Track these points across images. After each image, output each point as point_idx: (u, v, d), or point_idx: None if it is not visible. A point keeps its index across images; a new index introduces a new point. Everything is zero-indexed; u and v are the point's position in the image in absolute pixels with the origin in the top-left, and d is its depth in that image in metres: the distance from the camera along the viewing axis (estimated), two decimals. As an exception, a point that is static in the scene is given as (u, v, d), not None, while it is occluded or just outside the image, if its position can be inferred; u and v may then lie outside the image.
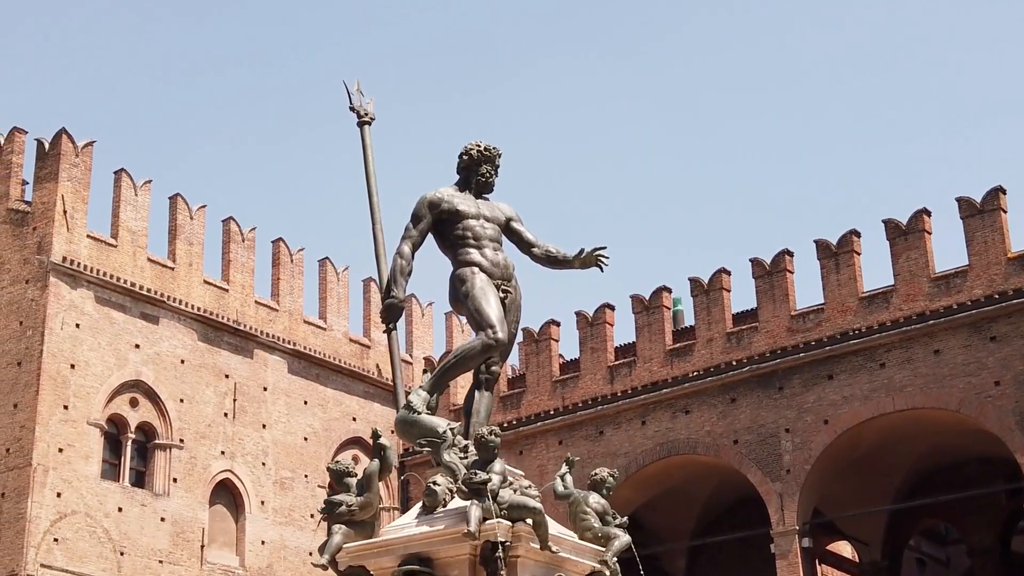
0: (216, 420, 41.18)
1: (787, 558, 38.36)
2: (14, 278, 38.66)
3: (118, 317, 39.41)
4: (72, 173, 39.36)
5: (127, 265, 40.00)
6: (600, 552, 13.32)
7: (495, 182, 14.60)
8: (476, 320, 13.73)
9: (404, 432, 13.61)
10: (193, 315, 41.23)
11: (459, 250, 14.09)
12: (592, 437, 42.51)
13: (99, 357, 38.65)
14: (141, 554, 38.14)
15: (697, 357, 41.42)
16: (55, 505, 36.65)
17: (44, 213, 38.85)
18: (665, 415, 41.38)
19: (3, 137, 40.69)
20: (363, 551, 12.86)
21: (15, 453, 36.79)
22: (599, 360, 43.14)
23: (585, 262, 14.18)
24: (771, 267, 40.49)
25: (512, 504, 12.41)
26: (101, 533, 37.47)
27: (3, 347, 38.04)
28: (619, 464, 41.58)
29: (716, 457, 40.33)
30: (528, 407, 44.07)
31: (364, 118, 15.08)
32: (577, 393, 43.20)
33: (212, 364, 41.51)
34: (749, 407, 39.86)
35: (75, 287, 38.55)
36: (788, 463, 38.82)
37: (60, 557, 36.37)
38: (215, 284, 42.44)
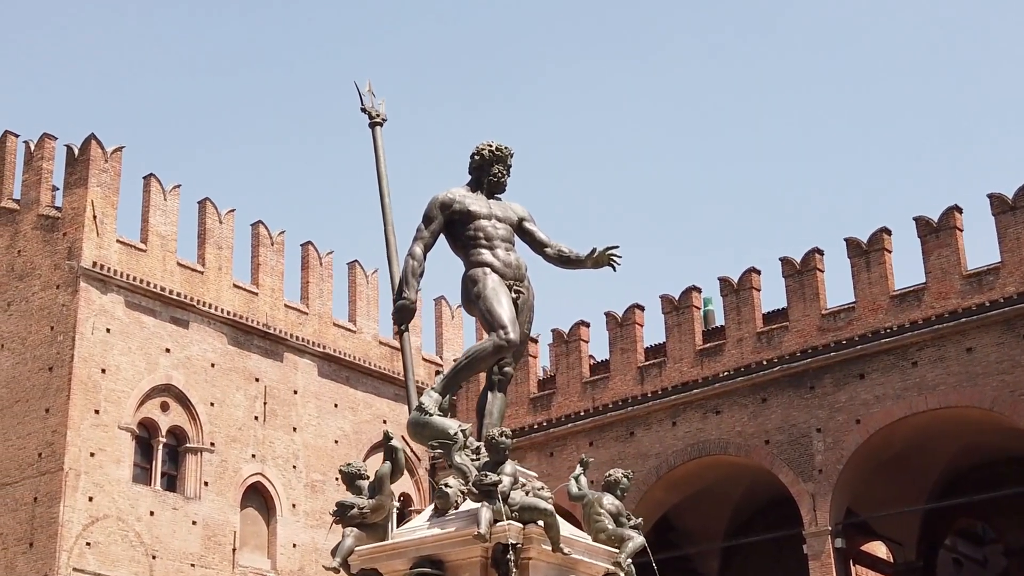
0: (247, 423, 41.30)
1: (820, 559, 38.07)
2: (45, 283, 38.89)
3: (148, 321, 39.59)
4: (102, 179, 39.57)
5: (157, 270, 40.17)
6: (614, 554, 13.18)
7: (507, 182, 14.49)
8: (488, 321, 13.65)
9: (416, 434, 13.53)
10: (223, 319, 41.37)
11: (471, 251, 14.00)
12: (622, 438, 42.34)
13: (130, 361, 38.82)
14: (173, 558, 38.28)
15: (727, 357, 41.18)
16: (87, 509, 36.83)
17: (74, 219, 39.06)
18: (696, 415, 41.16)
19: (33, 143, 40.96)
20: (375, 554, 12.80)
21: (47, 458, 36.99)
22: (629, 361, 42.97)
23: (597, 261, 14.06)
24: (801, 266, 40.21)
25: (523, 506, 12.31)
26: (133, 537, 37.63)
27: (34, 352, 38.26)
28: (650, 465, 41.45)
29: (747, 457, 40.07)
30: (558, 408, 43.95)
31: (376, 119, 15.03)
32: (607, 394, 43.04)
33: (242, 368, 41.64)
34: (780, 407, 39.59)
35: (105, 292, 38.74)
36: (820, 463, 38.52)
37: (92, 561, 36.55)
38: (245, 288, 42.57)
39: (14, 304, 39.30)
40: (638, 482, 41.51)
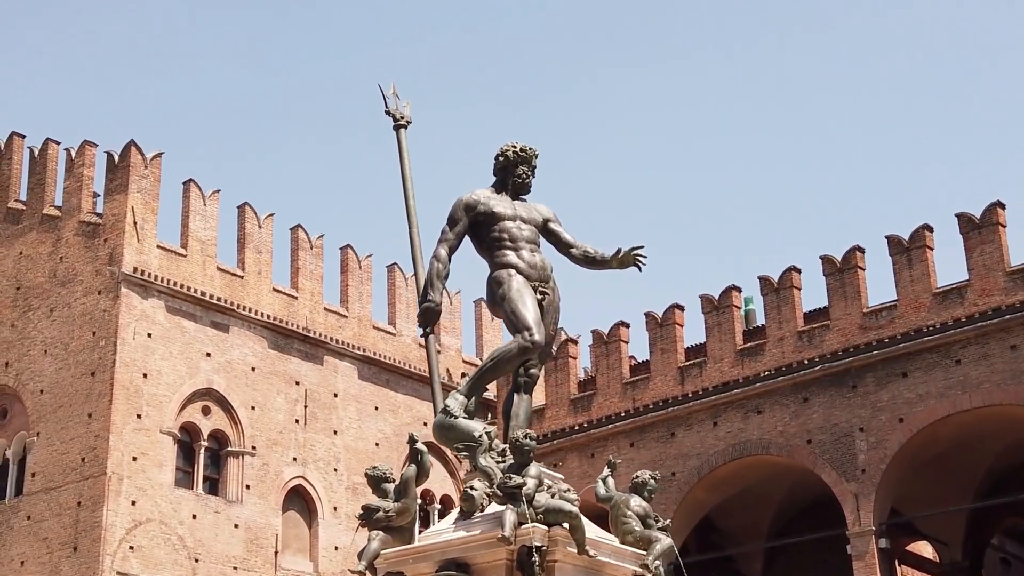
0: (287, 427, 41.45)
1: (864, 559, 37.74)
2: (87, 289, 39.18)
3: (189, 326, 39.80)
4: (141, 185, 39.82)
5: (197, 274, 40.38)
6: (641, 556, 13.09)
7: (532, 183, 14.44)
8: (512, 323, 13.59)
9: (442, 436, 13.49)
10: (263, 323, 41.53)
11: (495, 252, 13.95)
12: (663, 438, 42.15)
13: (171, 366, 39.04)
14: (216, 561, 38.46)
15: (768, 356, 40.91)
16: (130, 513, 37.06)
17: (115, 225, 39.33)
18: (737, 416, 40.92)
19: (74, 151, 41.29)
20: (400, 557, 12.79)
21: (90, 462, 37.25)
22: (669, 361, 42.78)
23: (623, 262, 13.96)
24: (842, 264, 39.90)
25: (548, 508, 12.26)
26: (176, 540, 37.83)
27: (77, 358, 38.55)
28: (691, 465, 41.25)
29: (789, 457, 39.78)
30: (599, 409, 43.82)
31: (400, 121, 15.03)
32: (648, 394, 42.86)
33: (283, 371, 41.79)
34: (822, 406, 39.28)
35: (146, 297, 38.98)
36: (863, 463, 38.18)
37: (136, 565, 36.77)
38: (284, 292, 42.73)
39: (56, 310, 39.62)
40: (679, 483, 41.34)
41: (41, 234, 40.97)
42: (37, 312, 40.06)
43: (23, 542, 37.75)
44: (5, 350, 40.35)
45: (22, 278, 40.87)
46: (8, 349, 40.30)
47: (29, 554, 37.46)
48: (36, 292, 40.34)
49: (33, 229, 41.25)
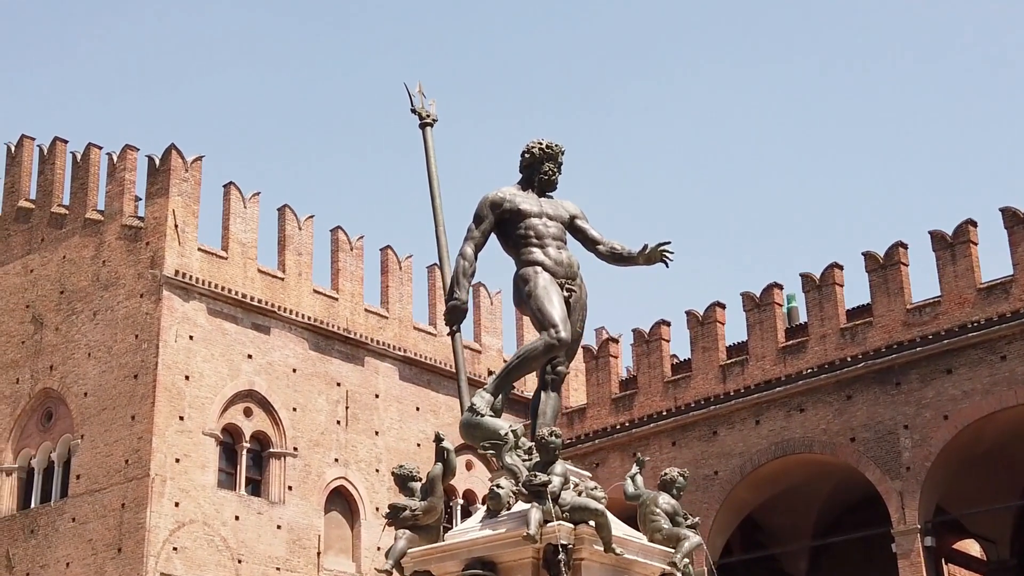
0: (329, 428, 41.55)
1: (909, 557, 37.43)
2: (129, 292, 39.43)
3: (230, 328, 39.97)
4: (182, 188, 40.03)
5: (238, 277, 40.54)
6: (669, 554, 12.98)
7: (558, 179, 14.37)
8: (539, 320, 13.52)
9: (468, 435, 13.45)
10: (304, 324, 41.65)
11: (522, 250, 13.89)
12: (706, 437, 41.97)
13: (212, 368, 39.22)
14: (259, 562, 38.60)
15: (811, 354, 40.65)
16: (173, 515, 37.24)
17: (156, 228, 39.55)
18: (779, 414, 40.69)
19: (116, 155, 41.55)
20: (427, 556, 12.76)
21: (134, 464, 37.48)
22: (711, 359, 42.60)
23: (650, 258, 13.86)
24: (885, 260, 39.61)
25: (574, 506, 12.19)
26: (219, 541, 38.00)
27: (120, 360, 38.80)
28: (733, 464, 41.07)
29: (833, 456, 39.52)
30: (640, 408, 43.71)
31: (426, 120, 15.01)
32: (689, 393, 42.71)
33: (324, 372, 41.90)
34: (866, 404, 39.00)
35: (187, 299, 39.18)
36: (908, 460, 37.87)
37: (179, 566, 36.96)
38: (325, 293, 42.83)
39: (100, 313, 39.90)
40: (722, 482, 41.16)
41: (84, 238, 41.27)
42: (81, 316, 40.37)
43: (68, 544, 38.04)
44: (50, 354, 40.69)
45: (66, 282, 41.19)
46: (53, 353, 40.63)
47: (74, 556, 37.74)
48: (79, 296, 40.65)
49: (76, 233, 41.55)
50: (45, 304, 41.41)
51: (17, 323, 41.93)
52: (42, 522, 39.02)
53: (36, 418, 40.74)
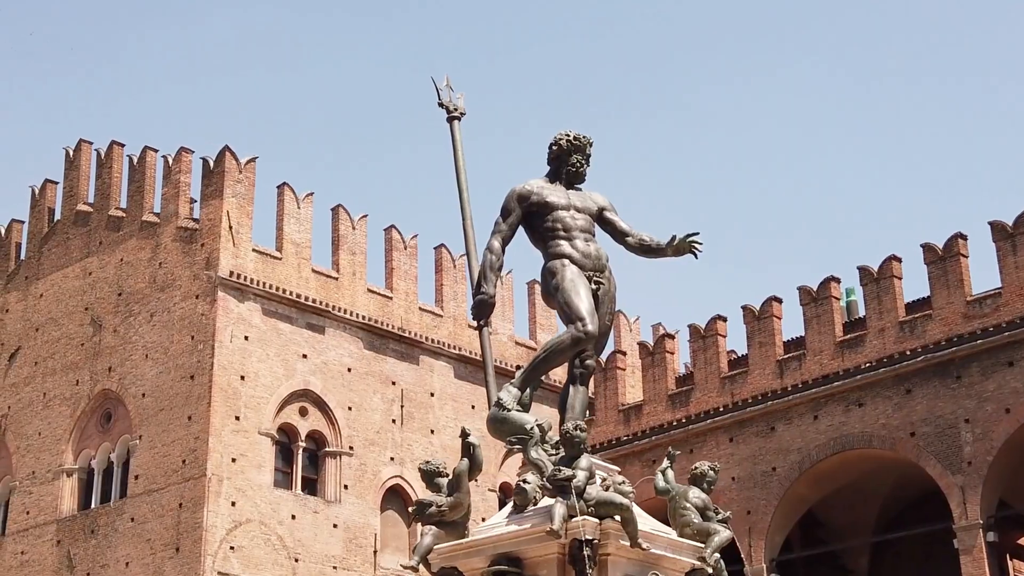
0: (384, 427, 41.62)
1: (971, 553, 36.80)
2: (185, 294, 39.72)
3: (285, 328, 40.15)
4: (236, 189, 40.27)
5: (292, 277, 40.72)
6: (699, 548, 12.78)
7: (586, 171, 14.24)
8: (566, 313, 13.40)
9: (495, 430, 13.36)
10: (358, 324, 41.75)
11: (549, 242, 13.79)
12: (763, 433, 41.55)
13: (268, 368, 39.42)
14: (315, 560, 38.74)
15: (869, 348, 40.10)
16: (230, 514, 37.48)
17: (211, 229, 39.82)
18: (838, 409, 40.19)
19: (171, 158, 41.89)
20: (453, 552, 12.67)
21: (191, 464, 37.76)
22: (768, 354, 42.15)
23: (679, 249, 13.69)
24: (944, 252, 38.97)
25: (599, 500, 12.05)
26: (275, 540, 38.19)
27: (176, 361, 39.10)
28: (792, 460, 40.63)
29: (893, 451, 38.96)
30: (696, 404, 43.35)
31: (453, 113, 14.94)
32: (746, 389, 42.29)
33: (379, 371, 41.97)
34: (925, 398, 38.41)
35: (242, 300, 39.40)
36: (969, 455, 37.23)
37: (236, 564, 37.18)
38: (379, 292, 42.91)
39: (156, 315, 40.24)
40: (780, 478, 40.74)
41: (141, 240, 41.64)
42: (138, 317, 40.74)
43: (128, 543, 38.40)
44: (108, 355, 41.10)
45: (123, 284, 41.58)
46: (111, 354, 41.04)
47: (133, 555, 38.10)
48: (137, 298, 41.02)
49: (133, 236, 41.94)
50: (103, 306, 41.83)
51: (76, 325, 42.40)
52: (102, 522, 39.44)
53: (96, 419, 41.18)
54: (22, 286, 44.81)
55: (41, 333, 43.38)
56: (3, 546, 41.75)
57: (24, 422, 42.68)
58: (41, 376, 42.76)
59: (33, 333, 43.62)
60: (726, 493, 41.68)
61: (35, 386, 42.79)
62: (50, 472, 41.27)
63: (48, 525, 40.65)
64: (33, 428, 42.33)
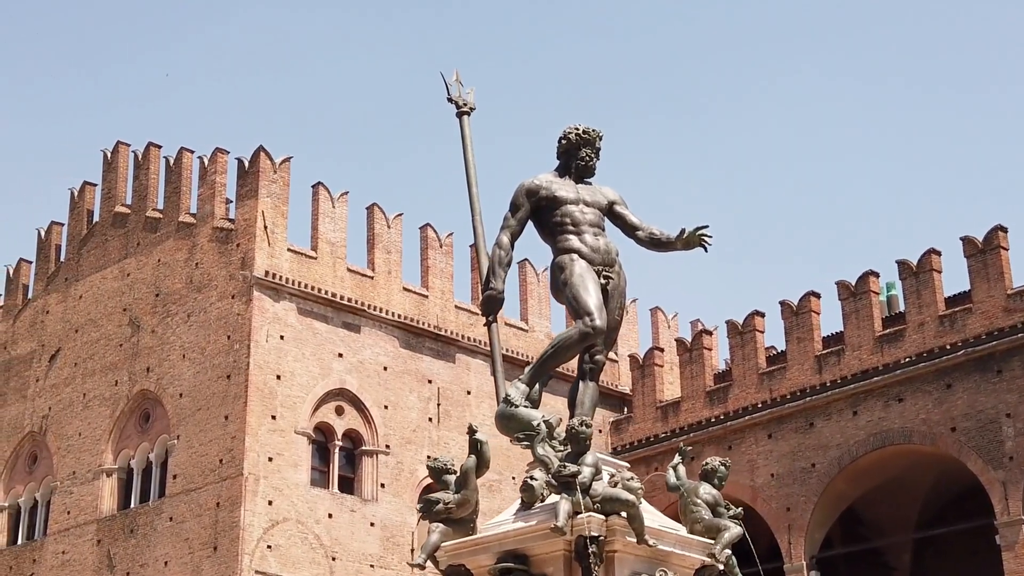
0: (421, 425, 41.62)
1: (1014, 549, 36.44)
2: (221, 294, 39.87)
3: (320, 327, 40.20)
4: (271, 189, 40.37)
5: (327, 276, 40.78)
6: (709, 545, 12.64)
7: (596, 165, 14.14)
8: (574, 308, 13.33)
9: (503, 426, 13.31)
10: (394, 322, 41.74)
11: (558, 237, 13.72)
12: (802, 429, 41.28)
13: (304, 367, 39.49)
14: (352, 559, 38.78)
15: (908, 342, 39.77)
16: (267, 513, 37.57)
17: (246, 229, 39.93)
18: (877, 404, 39.89)
19: (207, 159, 42.05)
20: (460, 549, 12.62)
21: (227, 463, 37.88)
22: (806, 350, 41.88)
23: (688, 242, 13.58)
24: (984, 245, 38.60)
25: (605, 497, 11.96)
26: (312, 539, 38.26)
27: (213, 361, 39.25)
28: (831, 456, 40.36)
29: (933, 446, 38.62)
30: (735, 401, 43.14)
31: (463, 108, 14.89)
32: (785, 384, 42.05)
33: (415, 370, 41.96)
34: (966, 392, 38.04)
35: (278, 300, 39.49)
36: (1011, 450, 36.86)
37: (274, 563, 37.27)
38: (415, 291, 42.88)
39: (193, 315, 40.42)
40: (820, 474, 40.46)
41: (177, 241, 41.83)
42: (175, 318, 40.93)
43: (166, 543, 38.59)
44: (146, 356, 41.33)
45: (161, 285, 41.80)
46: (149, 355, 41.27)
47: (172, 555, 38.27)
48: (174, 298, 41.21)
49: (170, 237, 42.13)
50: (141, 307, 42.06)
51: (115, 326, 42.67)
52: (141, 522, 39.66)
53: (134, 419, 41.41)
54: (62, 288, 45.17)
55: (81, 334, 43.70)
56: (45, 546, 42.10)
57: (65, 423, 43.02)
58: (81, 377, 43.07)
59: (73, 334, 43.95)
60: (765, 490, 41.44)
61: (75, 387, 43.11)
62: (90, 472, 41.56)
63: (88, 525, 40.93)
64: (73, 428, 42.65)
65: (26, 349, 45.44)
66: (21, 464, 44.30)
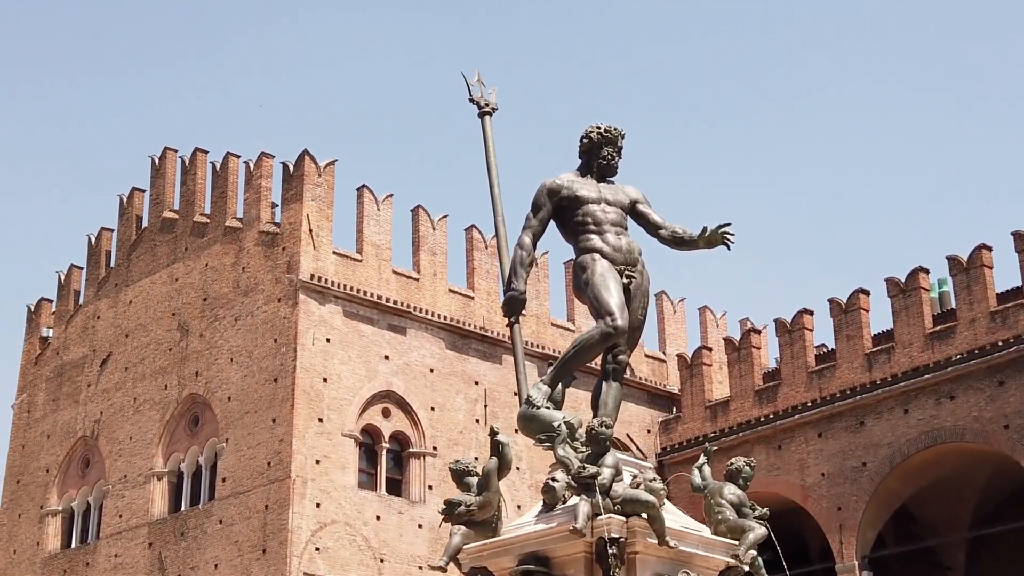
0: (468, 427, 41.60)
1: (1070, 548, 35.87)
2: (267, 297, 40.04)
3: (366, 330, 40.28)
4: (316, 192, 40.50)
5: (373, 279, 40.85)
6: (733, 546, 12.49)
7: (618, 164, 14.04)
8: (595, 308, 13.25)
9: (525, 428, 13.26)
10: (440, 324, 41.74)
11: (580, 237, 13.64)
12: (852, 428, 40.88)
13: (350, 370, 39.58)
14: (400, 561, 38.82)
15: (960, 339, 39.28)
16: (315, 515, 37.67)
17: (291, 233, 40.08)
18: (928, 402, 39.43)
19: (252, 163, 42.26)
20: (482, 551, 12.58)
21: (275, 466, 38.03)
22: (856, 348, 41.47)
23: (710, 240, 13.45)
24: (1036, 239, 38.05)
25: (625, 498, 11.86)
26: (360, 541, 38.33)
27: (260, 364, 39.42)
28: (882, 455, 39.94)
29: (986, 444, 38.13)
30: (784, 400, 42.79)
31: (485, 109, 14.85)
32: (834, 383, 41.66)
33: (461, 371, 41.95)
34: (1019, 389, 37.56)
35: (324, 303, 39.61)
36: (1065, 447, 36.28)
37: (322, 565, 37.38)
38: (460, 292, 42.87)
39: (240, 319, 40.63)
40: (871, 473, 40.05)
41: (224, 246, 42.06)
42: (223, 322, 41.16)
43: (216, 545, 38.81)
44: (195, 360, 41.60)
45: (208, 289, 42.06)
46: (198, 359, 41.53)
47: (222, 557, 38.49)
48: (221, 302, 41.45)
49: (217, 241, 42.38)
50: (190, 311, 42.35)
51: (164, 331, 42.98)
52: (191, 524, 39.91)
53: (184, 423, 41.69)
54: (112, 293, 45.56)
55: (131, 339, 44.06)
56: (98, 549, 42.48)
57: (116, 427, 43.39)
58: (131, 381, 43.42)
59: (123, 339, 44.33)
60: (815, 489, 41.07)
61: (126, 391, 43.47)
62: (141, 476, 41.88)
63: (140, 528, 41.25)
64: (124, 433, 43.00)
65: (78, 354, 45.89)
66: (74, 468, 44.74)
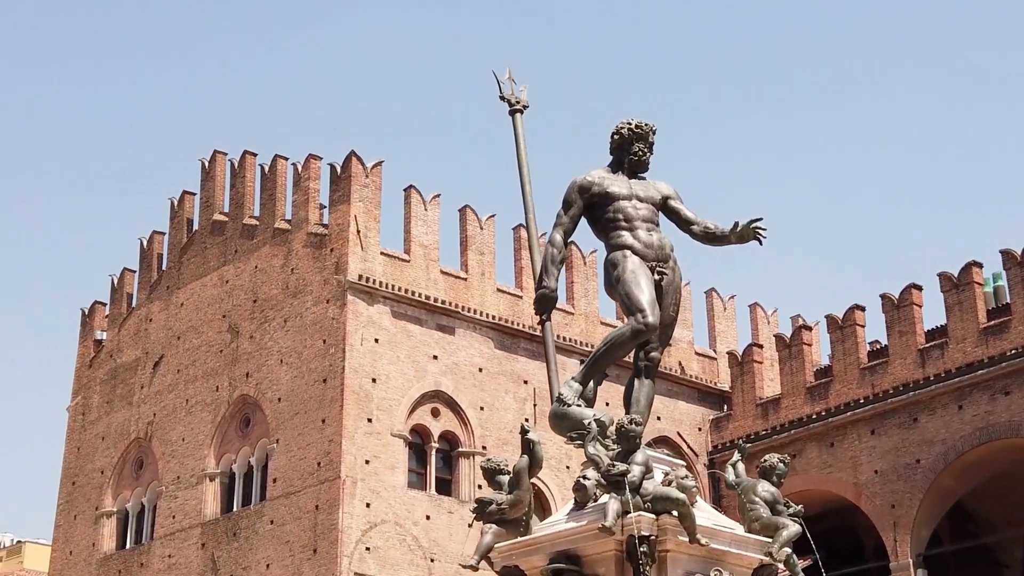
0: (517, 426, 41.07)
1: None
2: (316, 299, 40.19)
3: (415, 330, 40.33)
4: (363, 194, 40.60)
5: (421, 279, 40.90)
6: (766, 543, 12.35)
7: (649, 160, 13.93)
8: (626, 305, 13.15)
9: (556, 426, 13.21)
10: (488, 323, 41.72)
11: (611, 233, 13.55)
12: (905, 424, 40.46)
13: (399, 370, 39.64)
14: (451, 560, 38.81)
15: (1015, 334, 38.81)
16: (365, 515, 37.77)
17: (339, 234, 40.21)
18: (983, 398, 38.96)
19: (300, 165, 42.43)
20: (513, 550, 12.52)
21: (325, 467, 38.17)
22: (908, 344, 41.05)
23: (742, 236, 13.33)
24: (1091, 231, 37.47)
25: (656, 496, 11.77)
26: (411, 541, 38.39)
27: (309, 365, 39.59)
28: (936, 452, 39.51)
29: (1042, 439, 37.59)
30: (836, 396, 42.42)
31: (516, 106, 14.77)
32: (887, 379, 41.27)
33: (510, 371, 41.91)
34: (1075, 384, 36.97)
35: (372, 303, 39.69)
36: (1124, 442, 35.72)
37: (372, 565, 37.48)
38: (509, 292, 42.83)
39: (290, 320, 40.80)
40: (924, 470, 39.63)
41: (273, 247, 42.26)
42: (272, 323, 41.36)
43: (268, 545, 39.01)
44: (245, 361, 41.83)
45: (258, 291, 42.28)
46: (248, 360, 41.76)
47: (274, 557, 38.68)
48: (271, 304, 41.65)
49: (266, 243, 42.59)
50: (240, 313, 42.59)
51: (215, 333, 43.26)
52: (243, 525, 40.15)
53: (235, 424, 41.94)
54: (164, 296, 45.92)
55: (182, 341, 44.39)
56: (152, 550, 42.83)
57: (168, 428, 43.72)
58: (183, 383, 43.74)
59: (175, 341, 44.66)
60: (869, 487, 40.67)
61: (178, 393, 43.80)
62: (194, 477, 42.18)
63: (193, 528, 41.55)
64: (177, 434, 43.33)
65: (131, 357, 46.29)
66: (128, 470, 45.13)
